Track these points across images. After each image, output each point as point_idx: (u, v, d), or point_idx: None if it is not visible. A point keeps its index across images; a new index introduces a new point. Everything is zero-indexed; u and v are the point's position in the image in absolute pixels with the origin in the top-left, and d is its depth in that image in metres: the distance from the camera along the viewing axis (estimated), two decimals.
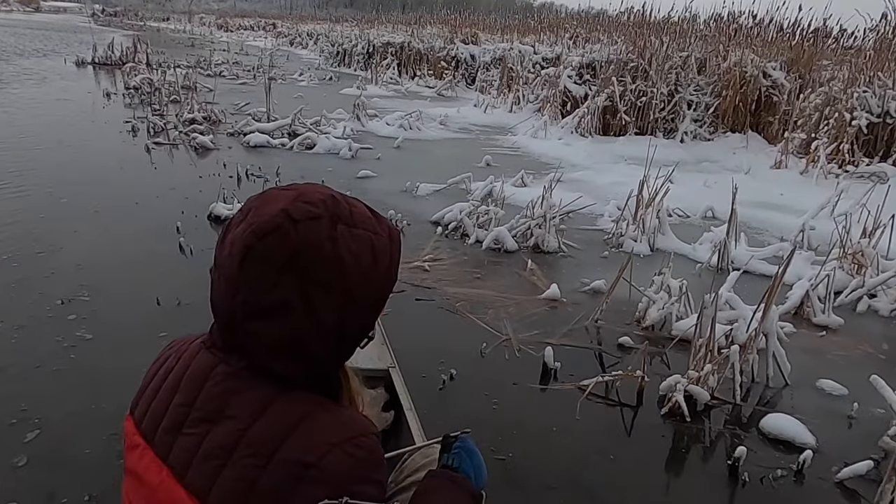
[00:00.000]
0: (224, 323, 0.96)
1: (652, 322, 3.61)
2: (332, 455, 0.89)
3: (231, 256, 0.92)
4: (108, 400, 2.57)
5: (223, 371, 0.96)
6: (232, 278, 0.92)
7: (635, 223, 5.04)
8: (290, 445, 0.88)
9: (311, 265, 0.90)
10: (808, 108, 8.65)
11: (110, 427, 2.34)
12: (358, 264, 0.93)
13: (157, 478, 0.96)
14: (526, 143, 9.09)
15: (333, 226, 0.92)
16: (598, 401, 2.92)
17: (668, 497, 2.39)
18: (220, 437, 0.91)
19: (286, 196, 0.94)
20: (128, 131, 8.12)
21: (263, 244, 0.89)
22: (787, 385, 3.13)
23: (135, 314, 3.39)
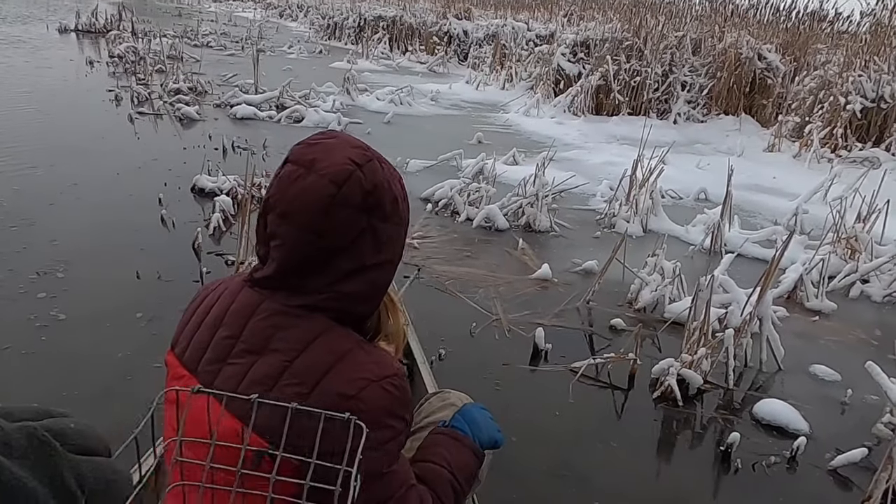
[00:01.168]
0: (293, 267, 1.02)
1: (644, 304, 3.56)
2: (370, 390, 0.97)
3: (309, 207, 0.99)
4: (82, 385, 2.47)
5: (269, 307, 1.03)
6: (312, 225, 0.99)
7: (628, 204, 4.97)
8: (332, 378, 0.96)
9: (378, 202, 1.01)
10: (803, 91, 8.58)
11: (85, 415, 2.25)
12: (402, 197, 1.06)
13: (203, 402, 0.99)
14: (518, 120, 8.97)
15: (382, 167, 1.04)
16: (589, 383, 2.86)
17: (660, 482, 2.34)
18: (266, 367, 0.98)
19: (338, 144, 1.04)
20: (111, 100, 7.91)
21: (344, 190, 0.99)
22: (780, 370, 3.09)
23: (112, 290, 3.27)
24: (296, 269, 1.02)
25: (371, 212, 1.02)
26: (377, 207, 1.02)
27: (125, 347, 2.75)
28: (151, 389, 1.01)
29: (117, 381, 2.52)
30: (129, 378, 2.54)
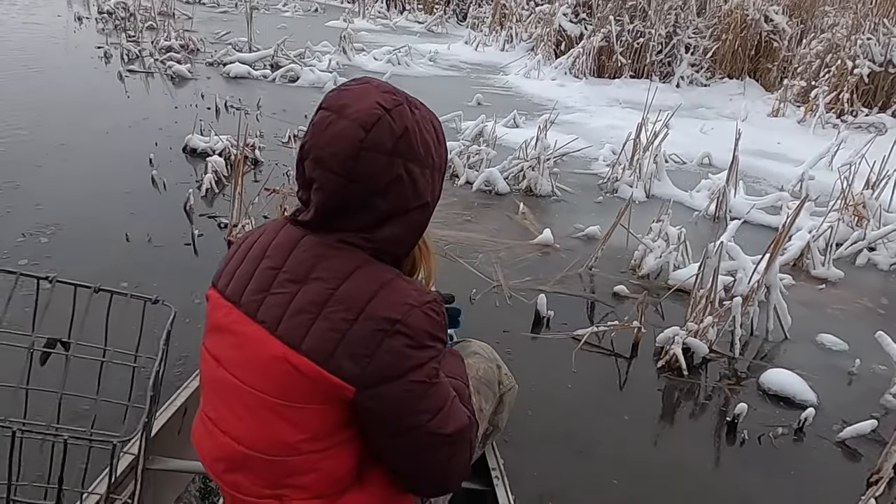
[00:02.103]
0: (332, 210, 1.05)
1: (648, 271, 3.47)
2: (414, 314, 1.02)
3: (339, 152, 1.02)
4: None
5: (311, 240, 1.07)
6: (344, 170, 1.02)
7: (631, 168, 4.85)
8: (377, 303, 1.00)
9: (409, 146, 1.04)
10: (809, 54, 8.39)
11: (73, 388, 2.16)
12: (434, 140, 1.08)
13: (248, 329, 1.06)
14: (518, 82, 8.77)
15: (412, 111, 1.06)
16: (591, 351, 2.79)
17: (665, 454, 2.28)
18: (311, 294, 1.02)
19: (368, 89, 1.06)
20: (100, 57, 7.69)
21: (372, 135, 1.01)
22: (786, 339, 3.03)
23: (100, 255, 3.13)
24: (334, 212, 1.05)
25: (403, 155, 1.04)
26: (409, 150, 1.04)
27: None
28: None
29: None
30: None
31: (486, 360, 1.47)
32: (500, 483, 1.54)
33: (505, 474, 1.57)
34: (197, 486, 1.82)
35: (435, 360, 1.06)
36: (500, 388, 1.46)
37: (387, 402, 1.01)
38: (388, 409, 1.02)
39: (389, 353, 0.99)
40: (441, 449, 1.08)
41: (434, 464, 1.10)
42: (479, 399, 1.37)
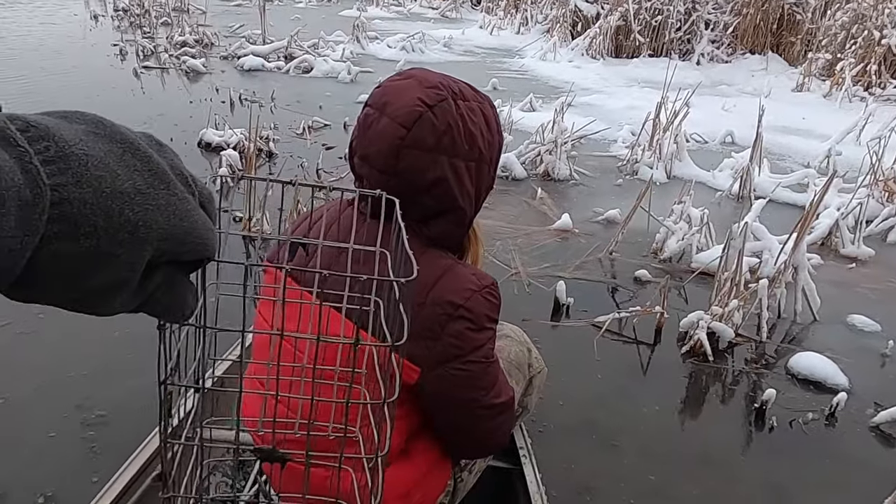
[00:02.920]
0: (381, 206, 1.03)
1: (671, 254, 3.39)
2: (475, 298, 1.08)
3: (381, 150, 1.04)
4: (81, 364, 2.38)
5: (370, 225, 1.03)
6: (387, 167, 1.04)
7: (651, 149, 4.75)
8: (441, 288, 1.06)
9: (452, 142, 1.04)
10: (834, 26, 8.16)
11: (88, 389, 2.16)
12: (482, 134, 1.08)
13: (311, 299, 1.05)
14: (534, 65, 8.65)
15: (457, 104, 1.06)
16: (613, 338, 2.73)
17: (691, 442, 2.21)
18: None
19: (411, 85, 1.06)
20: (115, 55, 7.72)
21: (413, 133, 1.02)
22: (815, 321, 2.94)
23: None
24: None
25: (447, 152, 1.05)
26: (452, 147, 1.05)
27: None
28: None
29: (118, 360, 2.42)
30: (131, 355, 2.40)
31: (517, 342, 1.52)
32: (527, 462, 1.58)
33: (532, 453, 1.60)
34: (230, 456, 1.84)
35: (491, 340, 1.14)
36: (530, 370, 1.50)
37: (450, 381, 1.09)
38: (450, 387, 1.10)
39: (453, 335, 1.07)
40: (495, 419, 1.18)
41: (486, 431, 1.20)
42: (511, 381, 1.37)
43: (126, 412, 2.01)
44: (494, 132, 1.12)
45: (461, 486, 1.34)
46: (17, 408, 2.07)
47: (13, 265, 0.34)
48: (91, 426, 2.00)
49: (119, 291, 0.40)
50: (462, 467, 1.32)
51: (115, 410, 2.05)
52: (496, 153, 1.15)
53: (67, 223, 0.35)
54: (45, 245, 0.35)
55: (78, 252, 0.36)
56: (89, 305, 0.40)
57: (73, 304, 0.39)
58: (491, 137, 1.11)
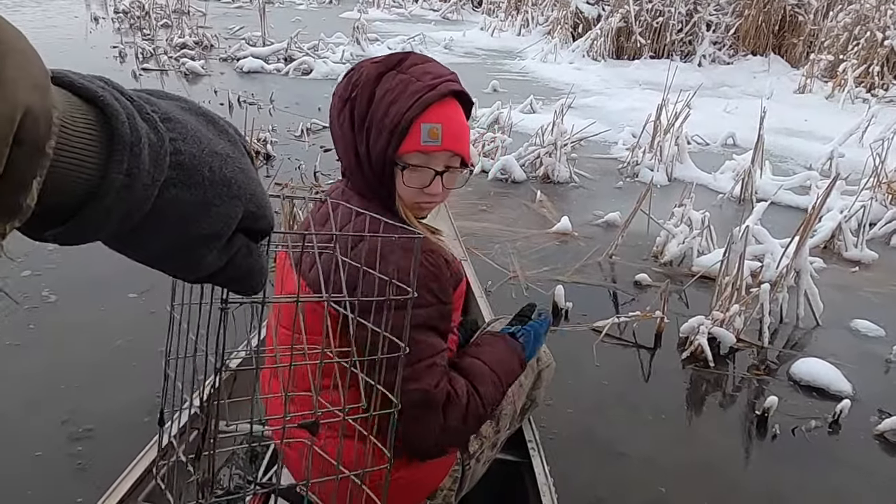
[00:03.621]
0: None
1: (671, 257, 3.35)
2: (398, 254, 1.06)
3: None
4: (76, 374, 2.34)
5: (338, 191, 1.27)
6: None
7: (652, 151, 4.71)
8: (370, 242, 1.06)
9: (356, 98, 1.14)
10: (837, 27, 8.12)
11: (83, 402, 2.12)
12: (383, 102, 1.12)
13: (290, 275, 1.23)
14: (535, 67, 8.62)
15: (386, 71, 1.14)
16: (612, 343, 2.69)
17: (692, 450, 2.17)
18: (324, 236, 1.14)
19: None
20: (115, 57, 7.71)
21: (340, 83, 1.18)
22: (818, 326, 2.89)
23: (99, 261, 3.08)
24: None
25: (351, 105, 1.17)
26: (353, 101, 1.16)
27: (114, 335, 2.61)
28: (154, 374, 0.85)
29: (109, 373, 2.38)
30: (135, 365, 2.35)
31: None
32: (536, 455, 1.58)
33: (541, 446, 1.60)
34: (244, 448, 1.85)
35: (421, 310, 1.12)
36: (539, 364, 1.50)
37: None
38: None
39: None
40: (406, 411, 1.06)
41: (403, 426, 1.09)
42: (521, 374, 1.39)
43: (116, 427, 1.96)
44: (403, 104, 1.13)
45: (469, 474, 1.32)
46: (3, 421, 2.02)
47: (145, 200, 0.39)
48: (79, 441, 1.95)
49: (215, 243, 0.45)
50: (470, 455, 1.30)
51: (103, 425, 1.99)
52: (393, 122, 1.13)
53: (183, 171, 0.41)
54: (166, 189, 0.40)
55: (190, 199, 0.42)
56: (187, 258, 0.45)
57: (176, 254, 0.44)
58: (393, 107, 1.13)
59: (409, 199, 1.19)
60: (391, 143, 1.12)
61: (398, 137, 1.12)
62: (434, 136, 1.13)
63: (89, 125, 0.37)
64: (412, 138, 1.12)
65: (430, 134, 1.12)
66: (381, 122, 1.12)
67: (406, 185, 1.16)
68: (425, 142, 1.12)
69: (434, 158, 1.15)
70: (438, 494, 1.29)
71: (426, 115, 1.12)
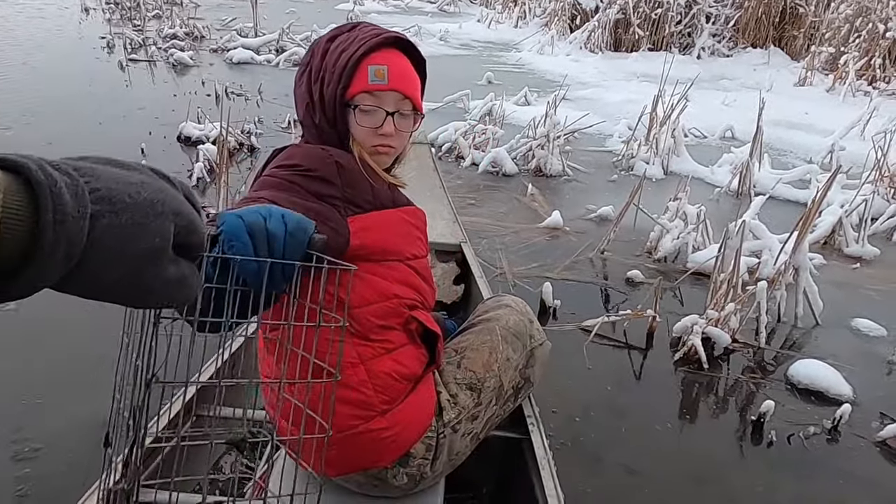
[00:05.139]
0: None
1: (665, 253, 3.23)
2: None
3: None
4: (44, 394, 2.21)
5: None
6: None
7: (648, 144, 4.58)
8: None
9: (311, 59, 1.20)
10: (838, 19, 7.98)
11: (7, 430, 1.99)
12: (334, 52, 1.18)
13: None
14: (531, 59, 8.48)
15: (342, 33, 1.21)
16: (602, 342, 2.57)
17: (685, 457, 2.05)
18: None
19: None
20: (103, 48, 7.56)
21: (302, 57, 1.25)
22: (817, 325, 2.77)
23: None
24: None
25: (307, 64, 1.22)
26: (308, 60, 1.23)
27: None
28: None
29: (74, 381, 2.26)
30: (93, 376, 2.26)
31: (517, 312, 1.49)
32: (535, 429, 1.58)
33: (540, 421, 1.60)
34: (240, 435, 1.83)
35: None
36: (532, 341, 1.48)
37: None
38: None
39: None
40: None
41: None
42: (507, 348, 1.40)
43: (66, 448, 1.82)
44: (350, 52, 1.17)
45: (444, 444, 1.28)
46: None
47: (79, 231, 0.42)
48: (24, 461, 1.82)
49: (159, 260, 0.48)
50: (445, 423, 1.28)
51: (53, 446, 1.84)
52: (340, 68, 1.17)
53: (106, 202, 0.45)
54: (97, 220, 0.44)
55: (121, 223, 0.45)
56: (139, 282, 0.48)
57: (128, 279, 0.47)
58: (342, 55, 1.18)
59: (365, 143, 1.21)
60: (340, 82, 1.16)
61: (347, 77, 1.16)
62: (380, 76, 1.17)
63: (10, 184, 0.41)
64: (360, 78, 1.16)
65: (377, 74, 1.17)
66: (333, 67, 1.17)
67: (359, 125, 1.19)
68: (372, 81, 1.16)
69: (383, 99, 1.18)
70: (411, 462, 1.25)
71: (372, 57, 1.17)
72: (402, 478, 1.25)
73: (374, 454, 1.22)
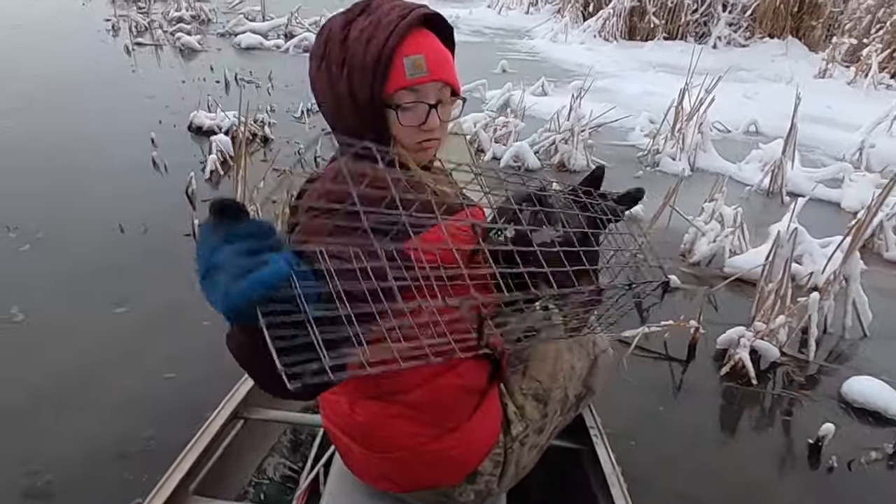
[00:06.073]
0: None
1: (700, 257, 3.10)
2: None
3: None
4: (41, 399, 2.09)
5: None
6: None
7: (674, 138, 4.44)
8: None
9: (329, 51, 1.05)
10: (859, 9, 7.81)
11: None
12: (358, 41, 1.03)
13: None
14: (545, 47, 8.31)
15: (357, 16, 1.05)
16: (640, 353, 2.44)
17: (737, 480, 1.92)
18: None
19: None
20: (107, 30, 7.39)
21: (312, 47, 1.08)
22: (865, 337, 2.65)
23: (87, 251, 2.82)
24: None
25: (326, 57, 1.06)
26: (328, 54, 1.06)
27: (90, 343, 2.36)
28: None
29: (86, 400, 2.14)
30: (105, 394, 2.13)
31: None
32: (599, 441, 1.54)
33: (604, 433, 1.55)
34: (288, 437, 1.89)
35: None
36: (595, 348, 1.43)
37: None
38: None
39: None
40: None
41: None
42: (572, 357, 1.36)
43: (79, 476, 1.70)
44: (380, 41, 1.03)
45: (512, 459, 1.23)
46: None
47: None
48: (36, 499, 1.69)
49: None
50: (513, 437, 1.23)
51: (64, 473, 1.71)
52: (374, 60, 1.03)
53: None
54: None
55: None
56: None
57: None
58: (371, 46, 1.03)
59: (409, 142, 1.09)
60: (375, 79, 1.02)
61: (382, 72, 1.02)
62: (419, 68, 1.03)
63: None
64: (397, 74, 1.03)
65: (415, 66, 1.03)
66: (363, 60, 1.02)
67: (403, 126, 1.06)
68: (412, 75, 1.03)
69: (424, 92, 1.05)
70: (479, 479, 1.20)
71: (405, 45, 1.02)
72: (468, 495, 1.20)
73: (441, 472, 1.18)
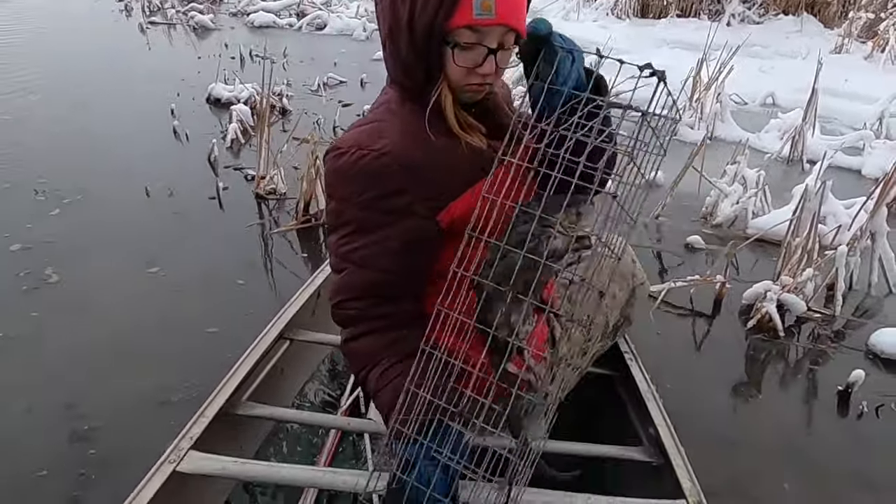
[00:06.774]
0: None
1: (723, 219, 3.10)
2: (329, 154, 1.06)
3: None
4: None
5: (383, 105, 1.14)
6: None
7: (692, 108, 4.42)
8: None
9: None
10: None
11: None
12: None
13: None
14: (557, 24, 8.13)
15: None
16: (668, 309, 2.45)
17: (769, 426, 1.92)
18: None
19: None
20: (120, 10, 7.41)
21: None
22: (891, 293, 2.65)
23: (119, 212, 2.86)
24: None
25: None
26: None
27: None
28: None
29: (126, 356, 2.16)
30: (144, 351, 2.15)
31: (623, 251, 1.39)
32: (634, 364, 1.58)
33: (638, 357, 1.59)
34: (327, 365, 1.99)
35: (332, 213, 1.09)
36: (634, 280, 1.47)
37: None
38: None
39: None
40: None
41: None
42: (614, 286, 1.38)
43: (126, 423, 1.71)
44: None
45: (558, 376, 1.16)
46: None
47: None
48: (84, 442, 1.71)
49: None
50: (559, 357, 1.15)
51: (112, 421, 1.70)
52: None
53: None
54: None
55: None
56: None
57: None
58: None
59: (458, 82, 1.03)
60: (439, 11, 0.96)
61: (447, 8, 0.95)
62: (487, 9, 0.96)
63: None
64: (463, 10, 0.96)
65: (483, 6, 0.95)
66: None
67: (457, 65, 1.00)
68: (478, 14, 0.95)
69: (487, 34, 0.98)
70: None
71: None
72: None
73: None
